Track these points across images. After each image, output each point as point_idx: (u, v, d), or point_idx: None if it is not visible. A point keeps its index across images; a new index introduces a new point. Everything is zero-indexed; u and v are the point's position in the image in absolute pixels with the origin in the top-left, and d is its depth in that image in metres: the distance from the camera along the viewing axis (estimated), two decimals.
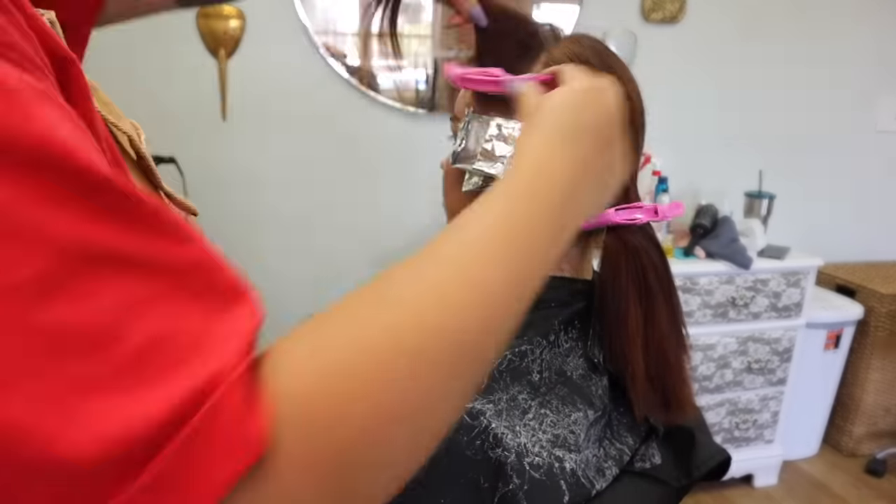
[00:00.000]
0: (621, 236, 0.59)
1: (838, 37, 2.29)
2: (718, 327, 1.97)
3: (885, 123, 2.43)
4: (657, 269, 0.60)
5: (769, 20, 2.21)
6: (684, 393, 0.61)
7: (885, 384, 2.28)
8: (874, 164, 2.47)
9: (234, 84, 1.84)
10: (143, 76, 1.76)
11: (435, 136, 0.60)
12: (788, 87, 2.29)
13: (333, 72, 1.90)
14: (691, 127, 2.22)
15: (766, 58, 2.24)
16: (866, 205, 2.51)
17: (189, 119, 1.83)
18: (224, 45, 1.81)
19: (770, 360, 2.04)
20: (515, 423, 0.53)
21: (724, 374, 2.02)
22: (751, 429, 2.11)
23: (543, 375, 0.58)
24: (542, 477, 0.52)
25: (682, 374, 0.61)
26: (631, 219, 0.59)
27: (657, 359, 0.59)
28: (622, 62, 0.62)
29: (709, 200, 2.09)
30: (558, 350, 0.60)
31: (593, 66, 0.57)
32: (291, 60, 1.87)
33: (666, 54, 2.14)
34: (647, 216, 0.59)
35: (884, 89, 2.40)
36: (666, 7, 2.09)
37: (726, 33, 2.19)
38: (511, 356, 0.57)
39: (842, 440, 2.36)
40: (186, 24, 1.78)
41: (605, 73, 0.52)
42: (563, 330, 0.61)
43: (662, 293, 0.60)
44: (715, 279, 1.92)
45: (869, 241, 2.55)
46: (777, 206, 2.13)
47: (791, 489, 2.18)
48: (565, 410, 0.57)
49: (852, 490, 2.17)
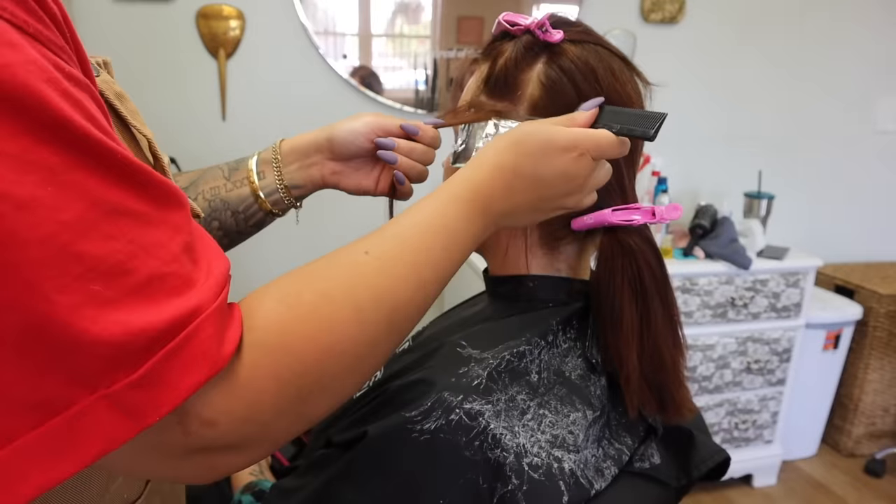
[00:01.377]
0: (618, 237, 0.59)
1: (837, 37, 2.30)
2: (718, 327, 1.97)
3: (885, 124, 2.43)
4: (653, 271, 0.60)
5: (768, 21, 2.21)
6: (680, 395, 0.61)
7: (884, 384, 2.29)
8: (873, 164, 2.47)
9: (234, 84, 1.85)
10: (144, 76, 1.76)
11: None
12: (788, 88, 2.29)
13: (333, 72, 1.90)
14: (690, 127, 2.22)
15: (765, 58, 2.24)
16: (865, 205, 2.51)
17: (189, 119, 1.84)
18: (224, 45, 1.81)
19: (769, 360, 2.05)
20: (514, 424, 0.53)
21: (724, 374, 2.02)
22: (750, 429, 2.11)
23: (542, 376, 0.58)
24: (540, 477, 0.52)
25: (678, 375, 0.61)
26: (628, 220, 0.59)
27: (653, 360, 0.59)
28: (618, 64, 0.61)
29: (708, 201, 2.09)
30: (556, 350, 0.60)
31: (580, 88, 0.59)
32: (291, 61, 1.87)
33: (665, 55, 2.14)
34: (644, 218, 0.59)
35: (883, 90, 2.40)
36: (665, 8, 2.09)
37: (725, 34, 2.19)
38: (510, 356, 0.57)
39: (841, 440, 2.37)
40: (187, 25, 1.78)
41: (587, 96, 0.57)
42: (562, 330, 0.61)
43: (658, 295, 0.60)
44: (714, 279, 1.92)
45: (868, 242, 2.55)
46: (776, 206, 2.13)
47: (790, 489, 2.18)
48: (564, 411, 0.57)
49: (851, 490, 2.18)
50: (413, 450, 0.50)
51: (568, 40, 0.60)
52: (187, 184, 0.74)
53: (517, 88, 0.61)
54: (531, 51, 0.60)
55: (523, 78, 0.60)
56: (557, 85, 0.59)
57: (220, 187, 0.73)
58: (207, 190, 0.73)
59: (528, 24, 0.60)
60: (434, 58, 1.95)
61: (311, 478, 0.56)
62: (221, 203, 0.73)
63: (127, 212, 0.33)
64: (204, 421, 0.36)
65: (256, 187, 0.72)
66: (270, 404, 0.38)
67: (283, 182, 0.72)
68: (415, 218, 0.48)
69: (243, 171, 0.73)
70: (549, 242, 0.64)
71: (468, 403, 0.52)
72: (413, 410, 0.52)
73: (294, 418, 0.41)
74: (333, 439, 0.58)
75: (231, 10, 1.79)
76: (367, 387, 0.72)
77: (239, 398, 0.37)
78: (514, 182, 0.50)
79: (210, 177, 0.74)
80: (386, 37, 1.92)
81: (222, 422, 0.36)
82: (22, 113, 0.29)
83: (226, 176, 0.74)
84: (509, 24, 0.62)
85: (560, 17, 0.62)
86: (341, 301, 0.42)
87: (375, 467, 0.51)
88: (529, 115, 0.60)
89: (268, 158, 0.73)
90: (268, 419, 0.39)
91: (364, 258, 0.44)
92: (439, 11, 1.92)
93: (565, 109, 0.58)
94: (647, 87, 0.63)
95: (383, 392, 0.57)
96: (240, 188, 0.73)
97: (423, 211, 0.48)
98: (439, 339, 0.66)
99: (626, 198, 0.62)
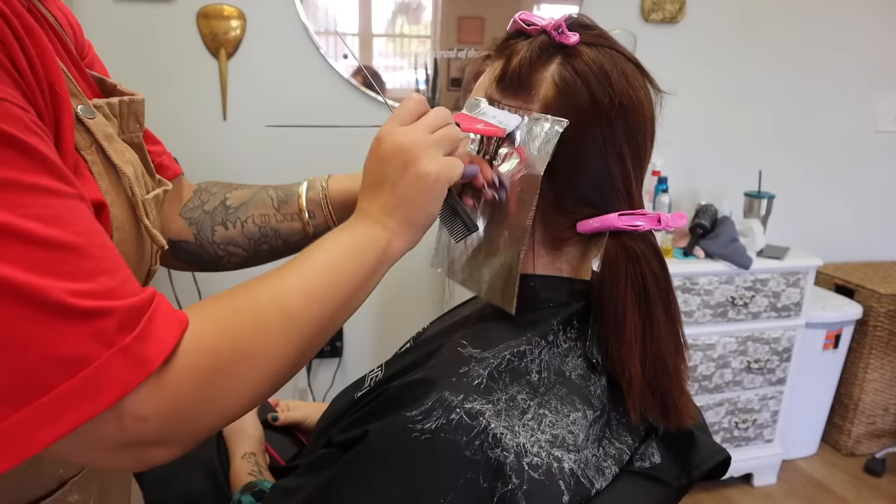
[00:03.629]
0: (622, 242, 0.60)
1: (837, 37, 2.30)
2: (718, 327, 1.97)
3: (885, 124, 2.43)
4: (657, 277, 0.60)
5: (768, 20, 2.21)
6: (682, 401, 0.61)
7: (884, 384, 2.29)
8: (873, 164, 2.47)
9: (235, 84, 1.85)
10: (145, 76, 1.76)
11: None
12: (788, 87, 2.29)
13: (334, 72, 1.90)
14: (691, 127, 2.23)
15: (765, 58, 2.24)
16: (865, 205, 2.51)
17: (190, 119, 1.84)
18: (225, 45, 1.81)
19: (769, 359, 2.05)
20: (514, 424, 0.53)
21: (724, 373, 2.02)
22: (750, 428, 2.11)
23: (542, 375, 0.58)
24: (540, 477, 0.52)
25: (680, 382, 0.61)
26: (633, 225, 0.59)
27: (655, 366, 0.59)
28: (631, 70, 0.61)
29: (708, 200, 2.09)
30: (557, 350, 0.60)
31: (593, 93, 0.59)
32: (292, 61, 1.87)
33: (665, 55, 2.14)
34: (649, 224, 0.60)
35: (883, 89, 2.40)
36: (665, 7, 2.09)
37: (725, 34, 2.19)
38: (510, 356, 0.57)
39: (841, 440, 2.37)
40: (187, 25, 1.78)
41: (603, 101, 0.58)
42: (562, 330, 0.61)
43: (661, 301, 0.60)
44: (714, 279, 1.92)
45: (868, 241, 2.55)
46: (776, 206, 2.13)
47: (790, 488, 2.18)
48: (564, 410, 0.57)
49: (851, 489, 2.18)
50: (414, 449, 0.51)
51: (583, 43, 0.60)
52: (238, 203, 0.78)
53: (531, 88, 0.61)
54: (546, 51, 0.60)
55: (537, 78, 0.61)
56: (571, 86, 0.59)
57: (271, 216, 0.78)
58: (258, 216, 0.78)
59: (544, 24, 0.60)
60: (434, 58, 1.95)
61: (311, 478, 0.57)
62: (272, 231, 0.78)
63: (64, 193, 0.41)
64: (137, 417, 0.40)
65: (308, 227, 0.78)
66: (191, 402, 0.43)
67: (336, 222, 0.78)
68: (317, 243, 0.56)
69: (293, 206, 0.78)
70: (553, 243, 0.64)
71: (469, 403, 0.52)
72: (414, 410, 0.52)
73: (213, 416, 0.46)
74: (334, 439, 0.58)
75: (232, 10, 1.79)
76: (368, 386, 0.72)
77: (165, 396, 0.41)
78: (367, 179, 0.58)
79: (259, 202, 0.78)
80: (386, 37, 1.93)
81: (152, 418, 0.41)
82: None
83: (275, 207, 0.78)
84: (525, 24, 0.62)
85: (576, 19, 0.63)
86: (263, 310, 0.48)
87: (376, 467, 0.52)
88: (542, 114, 0.60)
89: (316, 200, 0.77)
90: (189, 415, 0.43)
91: (281, 274, 0.51)
92: (440, 11, 1.92)
93: (577, 111, 0.59)
94: (659, 94, 0.63)
95: (384, 391, 0.57)
96: (291, 222, 0.78)
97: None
98: (440, 339, 0.66)
99: (632, 203, 0.62)
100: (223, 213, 0.78)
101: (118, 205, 0.54)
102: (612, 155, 0.60)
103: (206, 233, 0.78)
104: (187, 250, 0.79)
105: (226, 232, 0.78)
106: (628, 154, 0.60)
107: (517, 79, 0.62)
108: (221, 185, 0.82)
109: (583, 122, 0.59)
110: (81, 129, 0.53)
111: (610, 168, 0.60)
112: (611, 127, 0.59)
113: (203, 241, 0.78)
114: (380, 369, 0.74)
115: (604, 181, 0.60)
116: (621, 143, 0.60)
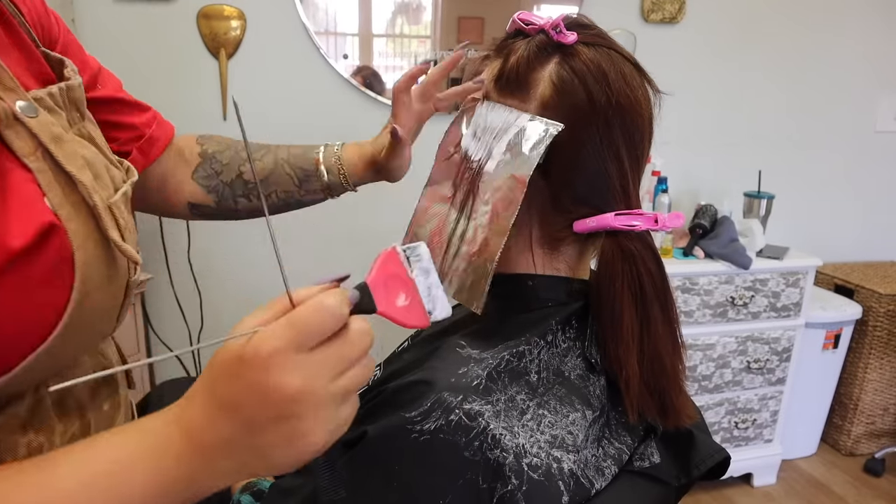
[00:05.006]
0: (619, 242, 0.59)
1: (837, 37, 2.30)
2: (718, 327, 1.98)
3: (884, 124, 2.43)
4: (653, 277, 0.60)
5: (768, 21, 2.21)
6: (680, 401, 0.61)
7: (884, 384, 2.29)
8: (873, 164, 2.47)
9: (235, 84, 1.85)
10: (145, 76, 1.76)
11: (435, 136, 0.61)
12: (787, 88, 2.30)
13: (334, 72, 1.90)
14: (691, 127, 2.23)
15: (764, 58, 2.24)
16: (865, 205, 2.51)
17: (190, 119, 1.84)
18: (225, 45, 1.81)
19: (769, 359, 2.05)
20: (514, 424, 0.53)
21: (724, 373, 2.02)
22: (750, 428, 2.11)
23: (541, 376, 0.58)
24: (540, 478, 0.52)
25: (677, 381, 0.61)
26: (629, 225, 0.59)
27: (652, 365, 0.59)
28: (629, 69, 0.61)
29: (708, 200, 2.09)
30: (556, 350, 0.60)
31: (592, 95, 0.58)
32: (292, 61, 1.87)
33: (665, 55, 2.14)
34: (646, 224, 0.59)
35: (883, 89, 2.40)
36: (665, 8, 2.09)
37: (725, 34, 2.19)
38: (509, 356, 0.57)
39: (840, 439, 2.37)
40: (188, 25, 1.78)
41: (599, 104, 0.58)
42: (561, 330, 0.61)
43: (658, 300, 0.60)
44: (714, 279, 1.93)
45: (867, 242, 2.56)
46: (776, 206, 2.13)
47: (790, 488, 2.18)
48: (563, 411, 0.57)
49: (851, 489, 2.18)
50: (413, 450, 0.51)
51: (581, 42, 0.60)
52: (262, 176, 0.84)
53: (528, 87, 0.61)
54: (544, 51, 0.60)
55: (535, 77, 0.61)
56: (568, 86, 0.59)
57: (293, 192, 0.85)
58: (280, 192, 0.85)
59: (542, 23, 0.60)
60: (435, 58, 1.95)
61: (310, 477, 0.57)
62: (296, 202, 0.87)
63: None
64: None
65: (330, 194, 0.87)
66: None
67: (353, 187, 0.87)
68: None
69: (314, 184, 0.85)
70: (550, 243, 0.64)
71: (468, 404, 0.52)
72: (413, 411, 0.52)
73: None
74: None
75: (232, 11, 1.79)
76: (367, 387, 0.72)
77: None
78: (215, 394, 0.41)
79: (279, 180, 0.85)
80: (386, 37, 1.93)
81: None
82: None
83: (297, 184, 0.85)
84: (524, 23, 0.62)
85: (575, 18, 0.62)
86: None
87: (375, 468, 0.51)
88: (539, 114, 0.60)
89: (334, 171, 0.85)
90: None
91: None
92: (440, 11, 1.92)
93: (574, 110, 0.58)
94: (657, 94, 0.63)
95: (383, 392, 0.57)
96: (313, 195, 0.86)
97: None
98: (439, 339, 0.66)
99: (629, 203, 0.62)
100: (243, 186, 0.84)
101: (76, 218, 0.48)
102: (610, 154, 0.60)
103: (227, 201, 0.84)
104: (207, 213, 0.85)
105: (249, 203, 0.85)
106: (625, 154, 0.60)
107: (515, 78, 0.62)
108: (226, 146, 0.86)
109: (580, 121, 0.59)
110: (22, 131, 0.46)
111: (607, 168, 0.60)
112: (608, 126, 0.59)
113: (225, 208, 0.85)
114: (378, 368, 0.74)
115: (601, 181, 0.60)
116: (618, 143, 0.60)
